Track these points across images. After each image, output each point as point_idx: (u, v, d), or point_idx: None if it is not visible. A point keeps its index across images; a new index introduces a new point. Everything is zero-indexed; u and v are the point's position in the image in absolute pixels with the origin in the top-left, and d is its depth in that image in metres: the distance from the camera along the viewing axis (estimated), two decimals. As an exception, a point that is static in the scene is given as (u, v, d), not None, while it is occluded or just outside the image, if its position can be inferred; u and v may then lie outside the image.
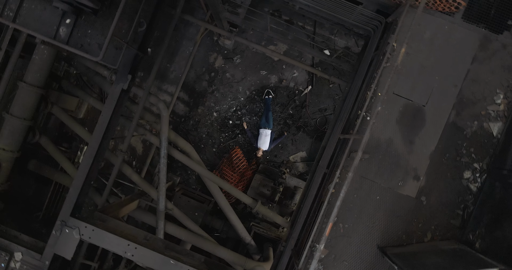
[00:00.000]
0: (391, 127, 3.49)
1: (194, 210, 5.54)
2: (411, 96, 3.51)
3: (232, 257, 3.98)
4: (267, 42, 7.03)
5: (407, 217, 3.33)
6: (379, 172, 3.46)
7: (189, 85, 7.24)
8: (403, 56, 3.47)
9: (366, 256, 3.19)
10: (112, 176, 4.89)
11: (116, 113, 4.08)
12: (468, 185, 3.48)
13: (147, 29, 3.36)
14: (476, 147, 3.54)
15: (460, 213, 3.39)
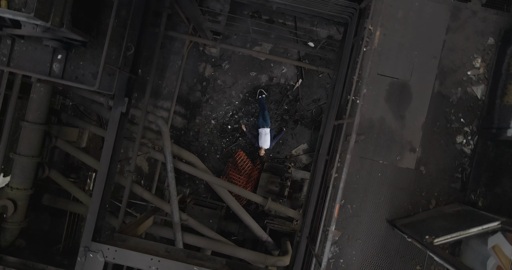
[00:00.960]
0: (381, 106, 3.72)
1: (208, 218, 5.79)
2: (394, 74, 3.74)
3: (252, 256, 4.20)
4: (251, 44, 7.30)
5: (410, 188, 3.55)
6: (376, 151, 3.69)
7: (183, 98, 7.51)
8: (382, 38, 3.70)
9: (378, 231, 3.42)
10: (124, 197, 5.16)
11: (119, 136, 4.35)
12: (462, 148, 3.71)
13: (135, 51, 3.63)
14: (464, 112, 3.77)
15: (459, 176, 3.62)
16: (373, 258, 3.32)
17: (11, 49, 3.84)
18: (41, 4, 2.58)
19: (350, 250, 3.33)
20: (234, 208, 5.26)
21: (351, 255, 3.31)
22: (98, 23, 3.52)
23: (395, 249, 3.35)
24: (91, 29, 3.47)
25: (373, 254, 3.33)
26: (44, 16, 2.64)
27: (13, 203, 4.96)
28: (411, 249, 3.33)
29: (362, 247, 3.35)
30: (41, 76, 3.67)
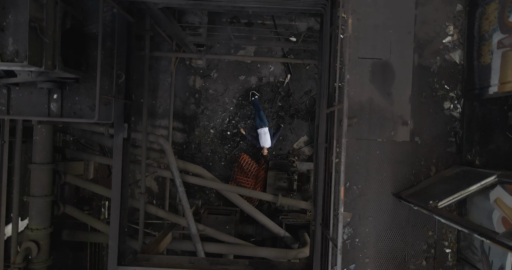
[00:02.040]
0: (367, 87, 3.96)
1: (224, 224, 6.02)
2: (374, 55, 3.97)
3: (273, 254, 4.43)
4: (235, 49, 7.59)
5: (408, 160, 3.78)
6: (371, 130, 3.92)
7: (179, 113, 7.80)
8: (356, 23, 3.94)
9: (386, 206, 3.65)
10: (140, 219, 5.43)
11: (125, 161, 4.62)
12: (451, 113, 3.94)
13: (126, 77, 3.90)
14: (446, 79, 4.01)
15: (453, 140, 3.85)
16: (386, 232, 3.55)
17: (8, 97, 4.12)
18: (33, 52, 2.86)
19: (364, 229, 3.55)
20: (247, 210, 5.50)
21: (365, 233, 3.54)
22: (86, 57, 3.80)
23: (406, 220, 3.57)
24: (80, 65, 3.75)
25: (386, 228, 3.56)
26: (37, 62, 2.91)
27: (36, 244, 5.22)
28: (420, 217, 3.56)
29: (374, 223, 3.58)
30: (41, 118, 3.94)
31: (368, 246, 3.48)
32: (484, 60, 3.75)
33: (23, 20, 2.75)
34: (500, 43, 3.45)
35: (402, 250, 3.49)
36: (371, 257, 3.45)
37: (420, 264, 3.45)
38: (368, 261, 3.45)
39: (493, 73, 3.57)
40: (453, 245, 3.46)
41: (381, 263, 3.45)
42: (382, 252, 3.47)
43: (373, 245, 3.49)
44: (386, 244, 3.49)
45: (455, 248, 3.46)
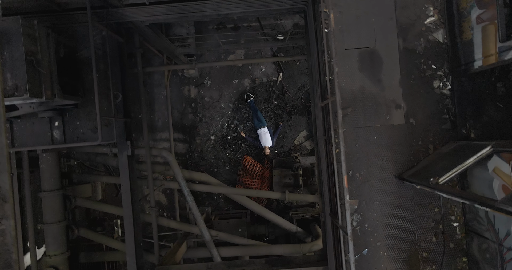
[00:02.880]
0: (357, 76, 4.12)
1: (236, 228, 6.19)
2: (360, 44, 4.13)
3: (288, 249, 4.59)
4: (225, 54, 7.78)
5: (406, 141, 3.94)
6: (366, 117, 4.08)
7: (178, 124, 7.99)
8: (339, 16, 4.10)
9: (390, 189, 3.80)
10: (154, 232, 5.60)
11: (133, 178, 4.80)
12: (441, 91, 4.10)
13: (122, 97, 4.08)
14: (432, 58, 4.17)
15: (447, 117, 4.00)
16: (393, 214, 3.70)
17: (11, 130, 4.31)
18: (32, 84, 3.04)
19: (371, 214, 3.71)
20: (257, 211, 5.66)
21: (373, 217, 3.70)
22: (82, 81, 3.98)
23: (411, 200, 3.73)
24: (77, 90, 3.94)
25: (393, 210, 3.71)
26: (37, 94, 3.09)
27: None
28: (424, 195, 3.71)
29: (380, 207, 3.73)
30: (45, 147, 4.12)
31: (377, 230, 3.64)
32: (466, 37, 3.92)
33: (18, 55, 2.93)
34: (479, 18, 3.62)
35: (411, 229, 3.64)
36: (382, 240, 3.61)
37: (430, 241, 3.60)
38: (379, 244, 3.60)
39: (476, 48, 3.74)
40: (460, 218, 3.61)
41: (392, 245, 3.60)
42: (392, 233, 3.63)
43: (382, 228, 3.64)
44: (395, 225, 3.65)
45: (462, 221, 3.61)
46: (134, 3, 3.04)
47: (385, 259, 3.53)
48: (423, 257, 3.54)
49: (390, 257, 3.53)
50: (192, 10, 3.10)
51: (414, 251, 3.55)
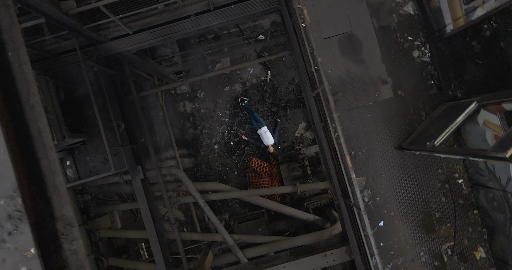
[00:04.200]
0: (341, 62, 4.42)
1: (256, 228, 6.45)
2: (337, 31, 4.44)
3: (309, 238, 4.85)
4: (212, 65, 8.13)
5: (399, 113, 4.22)
6: (357, 98, 4.37)
7: (180, 140, 8.32)
8: (312, 9, 4.41)
9: (393, 160, 4.07)
10: (180, 247, 5.88)
11: (150, 200, 5.11)
12: (422, 60, 4.40)
13: (124, 124, 4.40)
14: (407, 31, 4.47)
15: (432, 83, 4.29)
16: (401, 183, 3.96)
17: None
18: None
19: (380, 187, 3.97)
20: (272, 208, 5.92)
21: (383, 190, 3.96)
22: (84, 118, 4.31)
23: (414, 166, 3.99)
24: (82, 127, 4.27)
25: (399, 180, 3.97)
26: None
27: (92, 303, 5.69)
28: (425, 159, 3.97)
29: (387, 179, 4.00)
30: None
31: (389, 201, 3.89)
32: (434, 5, 4.22)
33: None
34: (440, -14, 3.93)
35: (420, 193, 3.89)
36: (395, 209, 3.86)
37: (440, 201, 3.84)
38: (393, 214, 3.85)
39: (445, 14, 4.05)
40: (463, 174, 3.86)
41: (405, 212, 3.85)
42: (403, 201, 3.88)
43: (393, 198, 3.90)
44: (404, 193, 3.90)
45: (466, 177, 3.86)
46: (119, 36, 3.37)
47: (401, 226, 3.78)
48: (437, 218, 3.78)
49: (405, 224, 3.78)
50: (174, 30, 3.43)
51: (427, 214, 3.80)
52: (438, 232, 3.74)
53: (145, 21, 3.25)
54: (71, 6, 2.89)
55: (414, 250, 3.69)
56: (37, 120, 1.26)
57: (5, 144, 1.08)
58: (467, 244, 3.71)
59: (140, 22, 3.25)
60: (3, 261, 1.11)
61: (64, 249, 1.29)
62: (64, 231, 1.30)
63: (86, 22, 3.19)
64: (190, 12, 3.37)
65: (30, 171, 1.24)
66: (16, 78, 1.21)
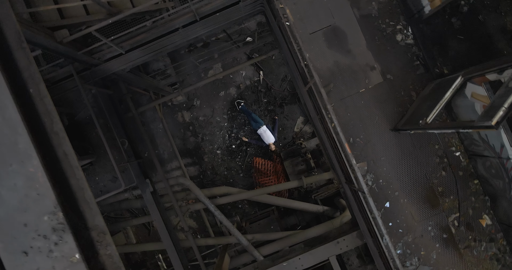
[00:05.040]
0: (329, 54, 4.61)
1: (268, 226, 6.63)
2: (321, 25, 4.63)
3: (321, 229, 5.03)
4: (205, 72, 8.34)
5: (390, 96, 4.41)
6: (348, 87, 4.57)
7: (183, 150, 8.52)
8: (294, 7, 4.61)
9: (390, 142, 4.25)
10: (196, 253, 6.07)
11: (162, 211, 5.30)
12: (406, 42, 4.58)
13: (128, 141, 4.59)
14: (388, 16, 4.66)
15: (418, 63, 4.47)
16: (401, 163, 4.15)
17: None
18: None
19: (381, 169, 4.16)
20: (281, 204, 6.11)
21: (384, 172, 4.14)
22: (89, 140, 4.50)
23: (411, 145, 4.18)
24: (87, 149, 4.46)
25: (399, 160, 4.16)
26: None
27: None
28: (421, 137, 4.16)
29: (388, 161, 4.18)
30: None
31: (392, 182, 4.07)
32: (408, -12, 4.42)
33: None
34: (413, -31, 4.12)
35: (421, 171, 4.08)
36: (399, 189, 4.04)
37: (441, 175, 4.02)
38: (397, 193, 4.03)
39: (421, -5, 4.24)
40: (459, 147, 4.04)
41: (409, 190, 4.03)
42: (405, 180, 4.06)
43: (395, 178, 4.08)
44: (405, 173, 4.09)
45: (462, 149, 4.04)
46: (112, 56, 3.56)
47: (407, 205, 3.96)
48: (439, 192, 3.96)
49: (410, 201, 3.96)
50: (164, 44, 3.61)
51: (430, 189, 3.98)
52: (442, 205, 3.92)
53: (136, 39, 3.44)
54: (64, 35, 3.09)
55: (422, 226, 3.87)
56: (62, 144, 1.45)
57: (42, 168, 1.28)
58: (472, 213, 3.89)
59: (131, 41, 3.44)
60: (53, 268, 1.31)
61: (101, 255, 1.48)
62: (99, 239, 1.49)
63: (80, 48, 3.39)
64: (177, 25, 3.57)
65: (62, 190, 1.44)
66: (39, 110, 1.40)
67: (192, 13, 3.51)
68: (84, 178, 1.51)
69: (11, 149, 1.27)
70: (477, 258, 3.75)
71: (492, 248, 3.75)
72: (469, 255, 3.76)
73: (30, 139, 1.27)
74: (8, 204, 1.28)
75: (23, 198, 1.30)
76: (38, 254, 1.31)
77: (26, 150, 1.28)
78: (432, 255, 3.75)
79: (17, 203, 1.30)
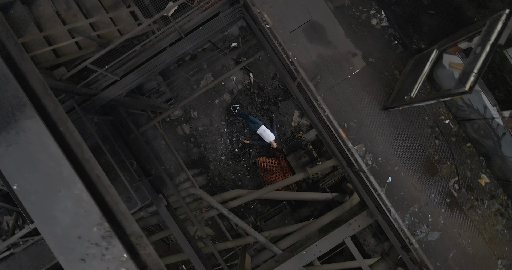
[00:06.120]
0: (310, 48, 4.90)
1: (282, 221, 6.93)
2: (300, 22, 4.92)
3: (333, 215, 5.32)
4: (197, 83, 8.67)
5: (374, 78, 4.71)
6: (334, 76, 4.86)
7: (189, 162, 8.84)
8: (271, 10, 4.90)
9: (382, 121, 4.55)
10: (218, 258, 6.38)
11: (179, 222, 5.61)
12: (381, 25, 4.89)
13: (136, 161, 4.91)
14: (361, 3, 4.96)
15: (396, 42, 4.77)
16: (395, 139, 4.44)
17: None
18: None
19: (379, 148, 4.45)
20: (291, 197, 6.41)
21: (382, 150, 4.44)
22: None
23: (403, 121, 4.47)
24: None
25: (394, 136, 4.45)
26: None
27: None
28: (410, 112, 4.46)
29: (383, 139, 4.48)
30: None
31: (390, 158, 4.37)
32: (373, -27, 4.71)
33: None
34: (372, -44, 4.42)
35: (415, 142, 4.37)
36: (398, 164, 4.33)
37: (435, 144, 4.32)
38: (397, 168, 4.33)
39: (385, -22, 4.54)
40: (448, 115, 4.33)
41: (407, 163, 4.32)
42: (403, 154, 4.36)
43: (393, 154, 4.37)
44: (401, 147, 4.38)
45: (450, 117, 4.33)
46: (108, 84, 3.86)
47: (408, 177, 4.25)
48: (436, 160, 4.25)
49: (410, 173, 4.25)
50: (155, 65, 3.91)
51: (427, 159, 4.27)
52: (441, 172, 4.21)
53: (128, 64, 3.75)
54: (63, 73, 3.41)
55: (425, 195, 4.16)
56: (94, 169, 1.76)
57: (85, 189, 1.59)
58: (470, 175, 4.17)
59: (124, 66, 3.75)
60: (107, 268, 1.62)
61: (141, 254, 1.79)
62: (137, 242, 1.80)
63: (78, 81, 3.70)
64: (165, 44, 3.87)
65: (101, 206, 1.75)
66: (71, 143, 1.72)
67: (177, 31, 3.82)
68: (117, 194, 1.82)
69: (58, 178, 1.59)
70: (482, 216, 4.03)
71: (495, 204, 4.03)
72: (474, 214, 4.04)
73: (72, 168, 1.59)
74: (63, 223, 1.60)
75: (73, 216, 1.62)
76: (93, 259, 1.63)
77: (70, 177, 1.59)
78: (439, 220, 4.03)
79: (69, 221, 1.61)
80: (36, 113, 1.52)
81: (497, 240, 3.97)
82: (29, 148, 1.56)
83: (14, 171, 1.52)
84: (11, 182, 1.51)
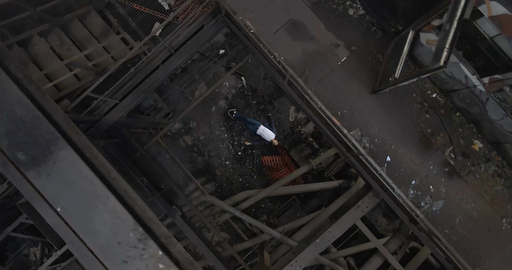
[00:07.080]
0: (295, 46, 5.19)
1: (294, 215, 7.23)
2: (281, 22, 5.22)
3: (342, 201, 5.61)
4: (191, 94, 8.99)
5: (359, 65, 5.00)
6: (321, 69, 5.16)
7: (195, 171, 9.16)
8: (252, 15, 5.18)
9: (373, 104, 4.85)
10: (238, 258, 6.68)
11: (196, 230, 5.90)
12: (358, 14, 5.19)
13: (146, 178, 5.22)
14: (335, -4, 5.25)
15: (374, 28, 5.07)
16: (388, 118, 4.74)
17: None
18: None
19: (373, 129, 4.75)
20: (299, 190, 6.70)
21: (377, 131, 4.73)
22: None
23: (393, 101, 4.77)
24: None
25: (386, 117, 4.75)
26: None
27: None
28: (398, 92, 4.75)
29: (376, 121, 4.78)
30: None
31: (386, 137, 4.66)
32: (340, -35, 5.01)
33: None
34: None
35: (407, 120, 4.67)
36: (394, 142, 4.63)
37: (426, 118, 4.61)
38: (394, 146, 4.62)
39: (353, -31, 4.83)
40: (434, 89, 4.63)
41: (403, 140, 4.62)
42: (397, 133, 4.65)
43: (388, 134, 4.67)
44: (395, 126, 4.68)
45: (437, 90, 4.62)
46: (109, 108, 4.16)
47: (405, 153, 4.54)
48: (429, 133, 4.54)
49: (407, 149, 4.54)
50: (150, 83, 4.21)
51: (421, 133, 4.56)
52: (436, 144, 4.50)
53: (125, 87, 4.06)
54: (67, 104, 3.72)
55: (424, 167, 4.45)
56: (121, 185, 2.07)
57: (118, 202, 1.90)
58: (464, 142, 4.46)
59: (122, 90, 4.05)
60: (146, 266, 1.93)
61: (172, 252, 2.10)
62: (167, 242, 2.11)
63: (81, 110, 4.02)
64: (157, 63, 4.18)
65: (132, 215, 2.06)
66: (97, 165, 2.03)
67: (167, 49, 4.12)
68: (144, 203, 2.13)
69: (93, 196, 1.90)
70: (481, 179, 4.31)
71: (491, 166, 4.31)
72: (473, 179, 4.32)
73: (104, 185, 1.91)
74: (104, 233, 1.91)
75: (111, 226, 1.93)
76: (134, 259, 1.94)
77: (104, 193, 1.91)
78: (441, 190, 4.32)
79: (109, 230, 1.93)
80: (68, 144, 1.83)
81: (499, 200, 4.26)
82: (65, 174, 1.87)
83: (56, 196, 1.83)
84: (55, 206, 1.82)
